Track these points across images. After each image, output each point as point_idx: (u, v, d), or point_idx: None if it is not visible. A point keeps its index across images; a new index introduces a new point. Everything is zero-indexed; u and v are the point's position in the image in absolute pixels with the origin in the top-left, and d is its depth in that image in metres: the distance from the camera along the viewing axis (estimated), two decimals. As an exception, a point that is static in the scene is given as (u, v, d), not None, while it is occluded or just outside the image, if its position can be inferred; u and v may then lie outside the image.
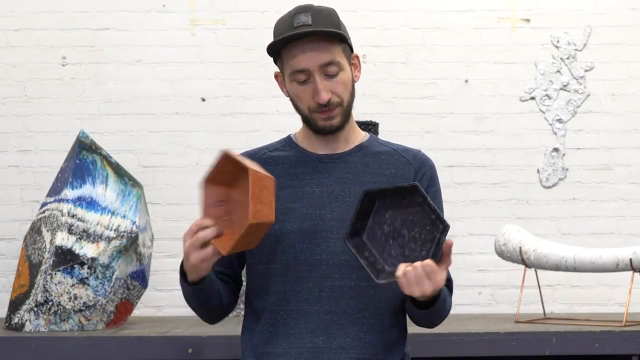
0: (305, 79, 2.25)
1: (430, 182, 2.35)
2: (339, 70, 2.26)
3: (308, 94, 2.26)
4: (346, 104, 2.28)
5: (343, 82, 2.27)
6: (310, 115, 2.28)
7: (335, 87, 2.26)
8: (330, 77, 2.25)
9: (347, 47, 2.29)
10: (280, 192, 2.29)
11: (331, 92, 2.25)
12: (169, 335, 4.01)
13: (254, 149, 2.41)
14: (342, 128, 2.31)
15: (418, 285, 2.08)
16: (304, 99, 2.27)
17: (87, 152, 4.40)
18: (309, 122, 2.30)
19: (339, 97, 2.26)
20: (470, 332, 4.02)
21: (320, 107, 2.25)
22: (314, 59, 2.23)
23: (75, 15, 5.16)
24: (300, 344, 2.25)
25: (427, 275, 2.08)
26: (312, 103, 2.26)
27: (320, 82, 2.24)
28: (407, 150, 2.38)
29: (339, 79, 2.26)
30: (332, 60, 2.24)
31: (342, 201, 2.28)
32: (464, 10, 5.22)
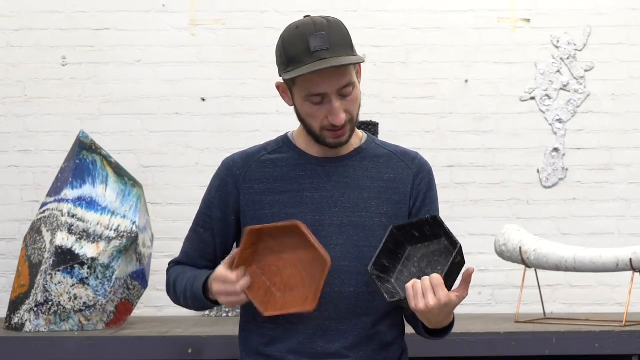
0: (320, 101, 2.23)
1: (428, 187, 2.35)
2: (353, 89, 2.24)
3: (322, 113, 2.23)
4: (355, 119, 2.28)
5: (356, 99, 2.26)
6: (320, 133, 2.26)
7: (349, 106, 2.24)
8: (344, 97, 2.23)
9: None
10: (280, 197, 2.29)
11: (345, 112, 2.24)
12: (169, 335, 4.00)
13: (251, 149, 2.40)
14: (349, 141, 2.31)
15: (423, 297, 2.09)
16: (317, 118, 2.24)
17: (87, 152, 4.40)
18: (316, 137, 2.28)
19: (350, 115, 2.25)
20: (470, 332, 4.01)
21: (334, 127, 2.24)
22: (333, 83, 2.20)
23: (75, 15, 5.16)
24: (299, 348, 2.25)
25: (433, 288, 2.09)
26: (325, 122, 2.24)
27: (337, 105, 2.21)
28: (405, 154, 2.37)
29: (352, 97, 2.24)
30: (349, 82, 2.22)
31: (341, 207, 2.27)
32: (464, 10, 5.22)
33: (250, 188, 2.32)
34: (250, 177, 2.33)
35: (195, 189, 5.08)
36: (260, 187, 2.31)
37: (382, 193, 2.30)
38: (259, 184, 2.31)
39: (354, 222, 2.25)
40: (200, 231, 2.38)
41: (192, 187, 5.09)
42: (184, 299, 2.34)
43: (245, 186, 2.32)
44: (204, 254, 2.39)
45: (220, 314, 4.90)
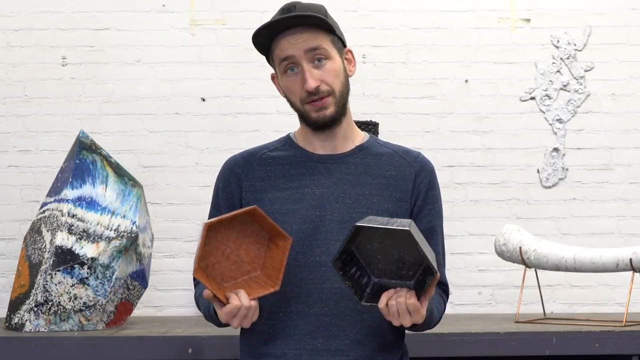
0: (292, 67, 2.25)
1: (429, 186, 2.35)
2: (327, 59, 2.25)
3: (298, 84, 2.26)
4: (338, 93, 2.27)
5: (333, 70, 2.26)
6: (303, 109, 2.28)
7: (324, 76, 2.25)
8: (318, 65, 2.24)
9: (336, 39, 2.29)
10: (280, 193, 2.29)
11: (320, 80, 2.24)
12: (169, 335, 4.00)
13: (253, 148, 2.40)
14: (338, 121, 2.29)
15: (399, 318, 2.11)
16: (295, 91, 2.27)
17: (87, 152, 4.40)
18: (303, 116, 2.30)
19: (329, 86, 2.25)
20: (470, 332, 4.01)
21: (310, 95, 2.25)
22: (299, 44, 2.24)
23: (75, 15, 5.16)
24: (298, 345, 2.25)
25: (410, 312, 2.10)
26: (302, 93, 2.25)
27: (307, 70, 2.24)
28: (407, 152, 2.38)
29: (328, 67, 2.25)
30: (318, 46, 2.24)
31: (342, 203, 2.27)
32: (464, 10, 5.22)
33: (252, 186, 2.32)
34: (252, 175, 2.33)
35: (195, 189, 5.08)
36: (262, 185, 2.31)
37: (383, 190, 2.30)
38: (260, 181, 2.32)
39: (355, 218, 2.25)
40: None
41: (192, 187, 5.09)
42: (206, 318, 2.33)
43: (246, 184, 2.33)
44: None
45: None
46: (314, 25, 2.24)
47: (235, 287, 2.16)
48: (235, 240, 2.18)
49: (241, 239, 2.18)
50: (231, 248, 2.18)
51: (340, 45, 2.30)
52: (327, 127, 2.29)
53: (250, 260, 2.19)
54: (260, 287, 2.17)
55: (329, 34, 2.27)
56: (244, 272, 2.19)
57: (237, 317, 2.13)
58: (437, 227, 2.35)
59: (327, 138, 2.32)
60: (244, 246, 2.18)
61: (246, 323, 2.15)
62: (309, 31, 2.24)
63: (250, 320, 2.15)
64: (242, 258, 2.18)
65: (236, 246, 2.18)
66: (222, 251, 2.17)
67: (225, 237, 2.16)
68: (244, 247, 2.18)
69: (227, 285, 2.17)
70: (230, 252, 2.18)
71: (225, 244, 2.17)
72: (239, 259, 2.18)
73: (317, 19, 2.23)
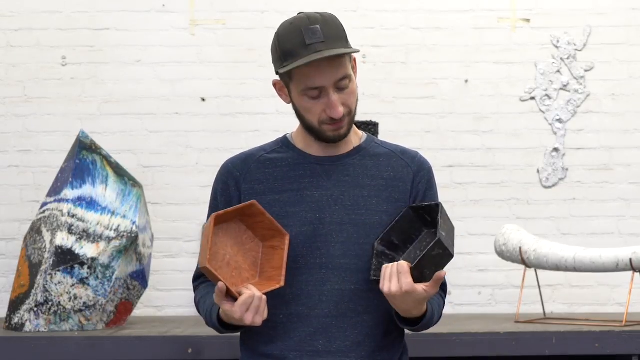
0: (317, 95, 2.24)
1: (427, 186, 2.35)
2: (350, 82, 2.25)
3: (320, 107, 2.24)
4: (354, 112, 2.28)
5: (353, 92, 2.26)
6: (319, 127, 2.26)
7: (346, 99, 2.24)
8: (341, 90, 2.24)
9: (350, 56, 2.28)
10: (279, 196, 2.28)
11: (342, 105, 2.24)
12: (169, 335, 4.01)
13: (250, 150, 2.39)
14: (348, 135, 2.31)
15: (388, 281, 2.13)
16: (315, 112, 2.25)
17: (87, 152, 4.40)
18: (314, 132, 2.28)
19: (349, 108, 2.26)
20: (470, 332, 4.01)
21: (332, 120, 2.24)
22: (330, 76, 2.21)
23: (75, 15, 5.16)
24: (299, 347, 2.25)
25: (397, 274, 2.11)
26: (323, 116, 2.24)
27: (335, 98, 2.22)
28: (405, 152, 2.37)
29: (349, 90, 2.25)
30: (345, 75, 2.23)
31: (341, 205, 2.27)
32: (464, 10, 5.22)
33: (251, 189, 2.31)
34: (251, 178, 2.33)
35: (195, 189, 5.08)
36: (261, 188, 2.31)
37: (382, 191, 2.30)
38: (259, 184, 2.31)
39: (354, 220, 2.25)
40: None
41: (192, 187, 5.09)
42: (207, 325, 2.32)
43: (245, 187, 2.32)
44: None
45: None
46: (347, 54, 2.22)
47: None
48: (233, 247, 2.18)
49: (238, 246, 2.19)
50: (230, 255, 2.19)
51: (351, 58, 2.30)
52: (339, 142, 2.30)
53: (248, 267, 2.20)
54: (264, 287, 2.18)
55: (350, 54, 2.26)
56: (244, 279, 2.20)
57: (252, 309, 2.13)
58: None
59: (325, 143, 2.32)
60: (241, 253, 2.20)
61: (258, 319, 2.14)
62: (338, 59, 2.21)
63: (262, 317, 2.14)
64: (240, 265, 2.19)
65: (234, 252, 2.19)
66: (223, 257, 2.18)
67: (224, 243, 2.17)
68: (241, 254, 2.20)
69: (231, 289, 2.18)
70: (230, 258, 2.19)
71: (224, 249, 2.18)
72: (238, 266, 2.19)
73: (350, 52, 2.20)
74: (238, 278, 2.19)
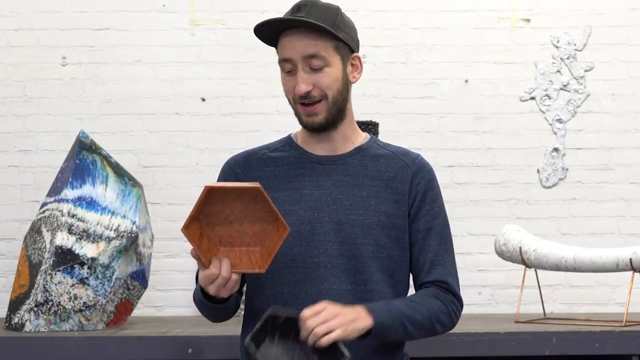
0: (290, 69, 2.25)
1: (427, 187, 2.34)
2: (325, 65, 2.24)
3: (292, 84, 2.26)
4: (331, 99, 2.26)
5: (329, 76, 2.25)
6: (295, 108, 2.29)
7: (319, 81, 2.24)
8: (314, 70, 2.24)
9: (342, 45, 2.27)
10: (279, 194, 2.29)
11: (313, 85, 2.24)
12: (169, 335, 4.01)
13: (254, 149, 2.40)
14: (330, 126, 2.29)
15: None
16: (289, 90, 2.28)
17: (87, 152, 4.40)
18: (296, 115, 2.31)
19: (322, 91, 2.25)
20: (470, 332, 4.01)
21: (301, 99, 2.25)
22: (298, 49, 2.23)
23: (75, 15, 5.16)
24: (300, 346, 2.25)
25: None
26: (295, 94, 2.26)
27: (301, 74, 2.24)
28: (406, 154, 2.37)
29: (324, 73, 2.24)
30: (316, 53, 2.23)
31: (340, 204, 2.27)
32: (464, 10, 5.22)
33: (251, 185, 2.32)
34: (252, 175, 2.33)
35: (195, 189, 5.08)
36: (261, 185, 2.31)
37: (381, 192, 2.30)
38: (259, 181, 2.32)
39: (352, 219, 2.25)
40: None
41: (192, 187, 5.09)
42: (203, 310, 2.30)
43: (246, 184, 2.33)
44: None
45: (220, 314, 4.90)
46: (318, 29, 2.23)
47: (230, 254, 2.14)
48: (242, 210, 2.14)
49: (248, 211, 2.15)
50: (236, 216, 2.15)
51: (346, 51, 2.29)
52: (318, 131, 2.29)
53: (252, 234, 2.16)
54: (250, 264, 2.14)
55: (333, 40, 2.26)
56: (243, 243, 2.16)
57: (215, 284, 2.11)
58: (435, 227, 2.33)
59: (325, 139, 2.32)
60: (249, 219, 2.16)
61: (224, 292, 2.13)
62: (310, 36, 2.23)
63: (229, 291, 2.12)
64: (245, 229, 2.16)
65: (242, 216, 2.15)
66: (227, 216, 2.15)
67: (233, 204, 2.14)
68: (249, 219, 2.16)
69: (224, 249, 2.15)
70: (234, 219, 2.15)
71: (230, 210, 2.14)
72: (241, 229, 2.16)
73: (317, 26, 2.22)
74: (237, 239, 2.16)
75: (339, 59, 2.27)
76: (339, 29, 2.26)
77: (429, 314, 2.27)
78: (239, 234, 2.16)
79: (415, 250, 2.32)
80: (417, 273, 2.33)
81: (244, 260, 2.15)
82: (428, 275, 2.31)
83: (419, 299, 2.28)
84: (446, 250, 2.35)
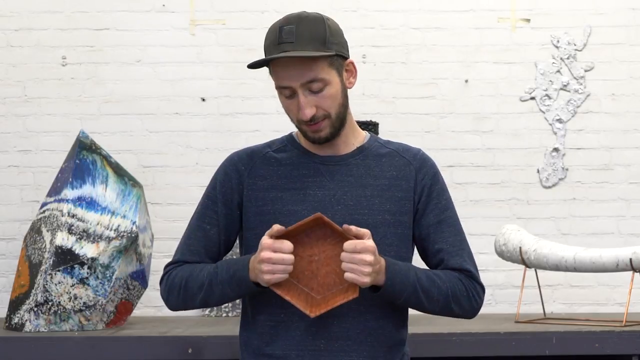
0: (290, 94, 2.25)
1: (432, 181, 2.35)
2: (325, 86, 2.23)
3: (295, 107, 2.25)
4: (335, 116, 2.26)
5: (330, 96, 2.24)
6: (299, 127, 2.29)
7: (321, 102, 2.24)
8: (315, 92, 2.23)
9: (335, 58, 2.26)
10: (283, 194, 2.29)
11: (316, 107, 2.23)
12: (169, 335, 4.01)
13: (256, 146, 2.40)
14: (334, 138, 2.30)
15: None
16: (292, 112, 2.27)
17: (87, 152, 4.40)
18: (299, 130, 2.30)
19: (325, 111, 2.25)
20: (470, 332, 4.01)
21: (306, 122, 2.25)
22: (296, 77, 2.21)
23: (75, 15, 5.16)
24: (301, 346, 2.25)
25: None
26: (298, 117, 2.25)
27: (303, 99, 2.22)
28: (407, 150, 2.37)
29: (325, 93, 2.23)
30: (314, 78, 2.22)
31: (344, 205, 2.27)
32: (464, 10, 5.22)
33: (254, 184, 2.32)
34: (255, 174, 2.33)
35: (195, 189, 5.08)
36: (264, 184, 2.31)
37: (384, 191, 2.30)
38: (262, 180, 2.32)
39: (356, 219, 2.25)
40: (206, 228, 2.33)
41: (192, 187, 5.09)
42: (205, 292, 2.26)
43: (249, 182, 2.32)
44: (208, 251, 2.34)
45: (221, 314, 4.90)
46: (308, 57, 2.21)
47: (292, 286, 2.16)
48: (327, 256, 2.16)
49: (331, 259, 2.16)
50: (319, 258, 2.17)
51: (340, 61, 2.27)
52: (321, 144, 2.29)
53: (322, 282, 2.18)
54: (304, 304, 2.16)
55: (327, 57, 2.24)
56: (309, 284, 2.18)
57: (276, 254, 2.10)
58: (446, 219, 2.34)
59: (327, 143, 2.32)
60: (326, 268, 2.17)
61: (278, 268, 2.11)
62: (305, 62, 2.21)
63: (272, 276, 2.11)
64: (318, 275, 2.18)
65: (324, 261, 2.16)
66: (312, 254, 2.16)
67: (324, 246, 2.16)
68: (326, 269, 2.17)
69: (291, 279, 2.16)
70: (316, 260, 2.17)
71: (319, 250, 2.16)
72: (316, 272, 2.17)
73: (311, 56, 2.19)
74: (306, 279, 2.17)
75: (335, 73, 2.25)
76: (330, 42, 2.24)
77: (447, 292, 2.27)
78: (312, 274, 2.17)
79: (429, 244, 2.32)
80: (435, 265, 2.33)
81: (301, 297, 2.16)
82: (447, 265, 2.31)
83: (443, 275, 2.28)
84: (462, 240, 2.38)
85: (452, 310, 2.29)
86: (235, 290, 2.22)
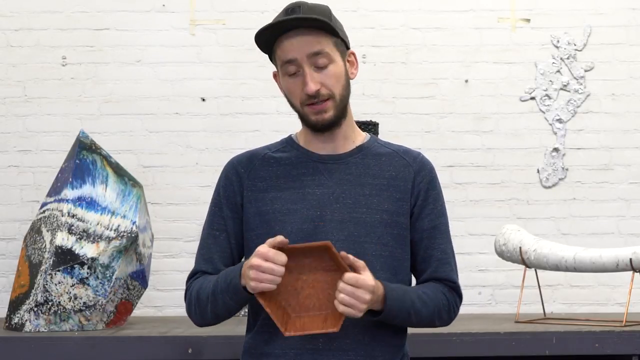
0: (295, 71, 2.25)
1: (429, 186, 2.35)
2: (329, 62, 2.25)
3: (298, 86, 2.26)
4: (338, 97, 2.27)
5: (334, 74, 2.26)
6: (302, 110, 2.28)
7: (326, 80, 2.25)
8: (320, 68, 2.24)
9: (339, 42, 2.28)
10: (281, 193, 2.29)
11: (321, 84, 2.24)
12: (169, 335, 4.00)
13: (256, 149, 2.41)
14: (337, 124, 2.30)
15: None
16: (296, 93, 2.27)
17: (87, 152, 4.40)
18: (303, 118, 2.30)
19: (329, 90, 2.25)
20: (470, 332, 4.01)
21: (310, 98, 2.25)
22: (302, 48, 2.23)
23: (75, 15, 5.16)
24: (299, 345, 2.25)
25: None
26: (302, 96, 2.25)
27: (309, 73, 2.24)
28: (407, 152, 2.38)
29: (329, 71, 2.25)
30: (320, 50, 2.24)
31: (342, 203, 2.28)
32: (464, 10, 5.22)
33: (254, 185, 2.32)
34: (254, 175, 2.34)
35: (195, 189, 5.08)
36: (263, 185, 2.32)
37: (383, 190, 2.31)
38: (262, 181, 2.32)
39: (355, 218, 2.26)
40: (216, 234, 2.33)
41: (192, 187, 5.09)
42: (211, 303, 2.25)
43: (248, 183, 2.33)
44: (222, 257, 2.33)
45: (220, 314, 4.90)
46: (318, 27, 2.23)
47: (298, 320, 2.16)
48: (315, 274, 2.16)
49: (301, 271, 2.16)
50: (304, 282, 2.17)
51: (343, 48, 2.30)
52: (326, 129, 2.29)
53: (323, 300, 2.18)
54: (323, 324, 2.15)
55: (332, 36, 2.26)
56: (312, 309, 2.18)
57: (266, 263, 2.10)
58: (440, 226, 2.35)
59: (327, 139, 2.33)
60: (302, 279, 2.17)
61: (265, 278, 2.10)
62: (312, 34, 2.23)
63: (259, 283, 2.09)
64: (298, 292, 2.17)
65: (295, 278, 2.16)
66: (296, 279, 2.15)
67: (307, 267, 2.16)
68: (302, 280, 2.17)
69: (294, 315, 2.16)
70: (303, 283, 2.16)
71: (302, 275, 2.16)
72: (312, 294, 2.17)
73: (320, 22, 2.22)
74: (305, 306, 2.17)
75: (339, 56, 2.28)
76: (335, 25, 2.27)
77: (433, 310, 2.30)
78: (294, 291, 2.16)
79: (421, 249, 2.33)
80: (423, 270, 2.34)
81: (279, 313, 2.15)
82: (435, 273, 2.33)
83: (431, 293, 2.30)
84: (451, 248, 2.39)
85: (434, 323, 2.33)
86: (233, 299, 2.22)
